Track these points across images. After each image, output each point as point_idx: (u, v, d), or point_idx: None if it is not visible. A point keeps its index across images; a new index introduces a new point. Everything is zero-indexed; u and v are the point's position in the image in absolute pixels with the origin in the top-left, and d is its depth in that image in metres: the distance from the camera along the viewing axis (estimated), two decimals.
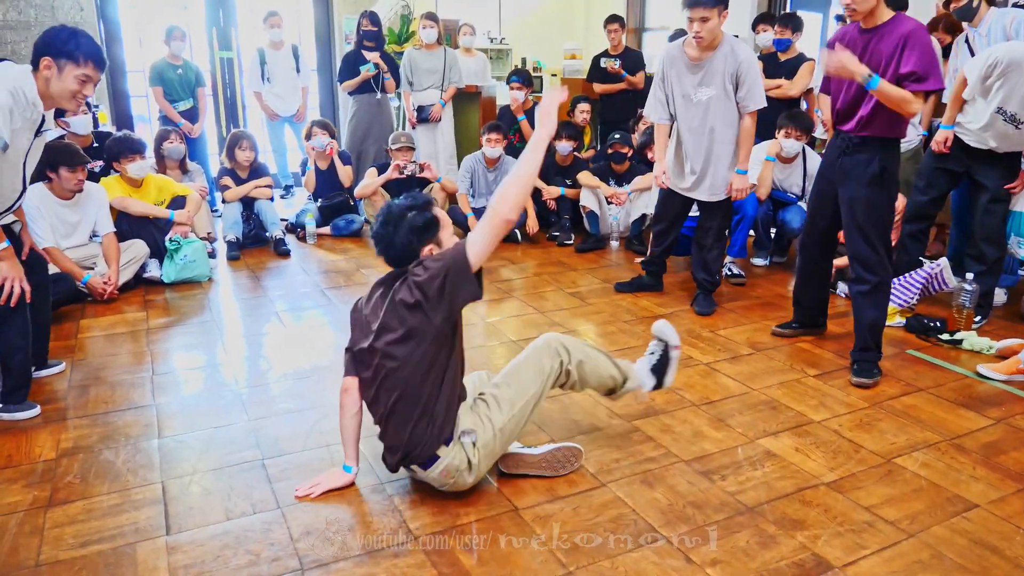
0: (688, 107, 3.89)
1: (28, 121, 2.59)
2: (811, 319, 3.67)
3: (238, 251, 5.14)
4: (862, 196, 3.13)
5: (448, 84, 6.27)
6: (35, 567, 2.01)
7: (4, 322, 2.78)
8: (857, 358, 3.26)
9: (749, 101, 3.78)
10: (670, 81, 3.92)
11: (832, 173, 3.25)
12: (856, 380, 3.18)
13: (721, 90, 3.77)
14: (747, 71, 3.73)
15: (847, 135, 3.16)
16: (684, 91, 3.87)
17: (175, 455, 2.59)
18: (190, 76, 6.27)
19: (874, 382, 3.16)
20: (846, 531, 2.18)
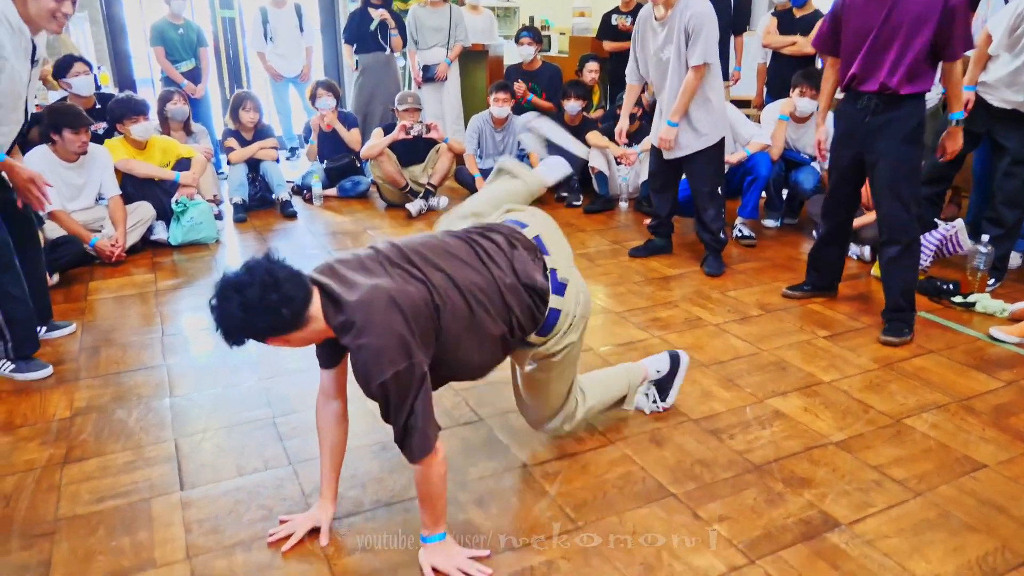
0: (658, 67, 3.90)
1: (20, 49, 2.59)
2: (828, 282, 3.63)
3: (244, 213, 5.13)
4: (896, 154, 3.06)
5: (454, 42, 6.19)
6: (54, 521, 2.04)
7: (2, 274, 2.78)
8: (889, 317, 3.24)
9: (690, 55, 3.73)
10: (643, 42, 3.94)
11: (855, 138, 3.17)
12: (884, 339, 3.17)
13: (678, 46, 3.76)
14: (696, 25, 3.67)
15: (870, 95, 3.07)
16: (655, 49, 3.87)
17: (187, 414, 2.61)
18: (192, 36, 6.19)
19: (902, 341, 3.15)
20: (854, 490, 2.19)
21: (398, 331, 1.67)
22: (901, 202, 3.11)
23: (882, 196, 3.15)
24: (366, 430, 2.49)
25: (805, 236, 4.73)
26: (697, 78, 3.77)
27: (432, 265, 1.84)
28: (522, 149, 5.60)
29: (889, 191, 3.11)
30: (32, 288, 3.06)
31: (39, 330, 3.17)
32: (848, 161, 3.26)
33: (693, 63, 3.73)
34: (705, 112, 3.87)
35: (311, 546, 1.95)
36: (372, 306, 1.67)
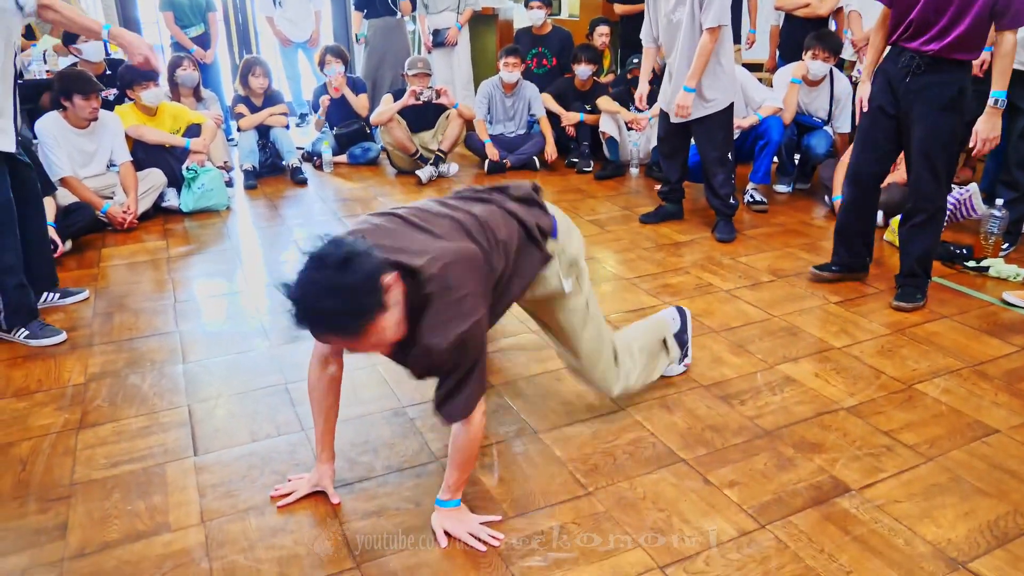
0: (668, 28, 3.84)
1: None
2: (857, 259, 3.40)
3: (255, 180, 5.12)
4: (932, 121, 2.92)
5: (464, 6, 6.10)
6: (70, 485, 2.08)
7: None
8: (902, 283, 3.19)
9: (704, 17, 3.68)
10: (653, 4, 3.89)
11: (892, 97, 3.02)
12: (896, 304, 3.13)
13: (690, 9, 3.70)
14: None
15: (916, 53, 2.91)
16: (666, 11, 3.82)
17: (200, 380, 2.64)
18: (200, 1, 6.13)
19: (914, 307, 3.12)
20: (864, 455, 2.19)
21: (472, 284, 1.68)
22: (933, 171, 2.99)
23: (915, 162, 3.04)
24: (377, 396, 2.51)
25: (817, 201, 4.68)
26: (712, 40, 3.71)
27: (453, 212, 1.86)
28: (532, 115, 5.55)
29: (923, 157, 2.99)
30: (35, 254, 3.07)
31: (51, 296, 3.19)
32: (881, 128, 3.10)
33: (708, 25, 3.67)
34: (714, 77, 3.81)
35: (323, 508, 1.97)
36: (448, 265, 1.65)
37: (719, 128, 3.94)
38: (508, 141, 5.53)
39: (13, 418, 2.41)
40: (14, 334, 2.89)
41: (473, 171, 5.49)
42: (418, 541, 1.86)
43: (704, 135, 3.98)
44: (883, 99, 3.08)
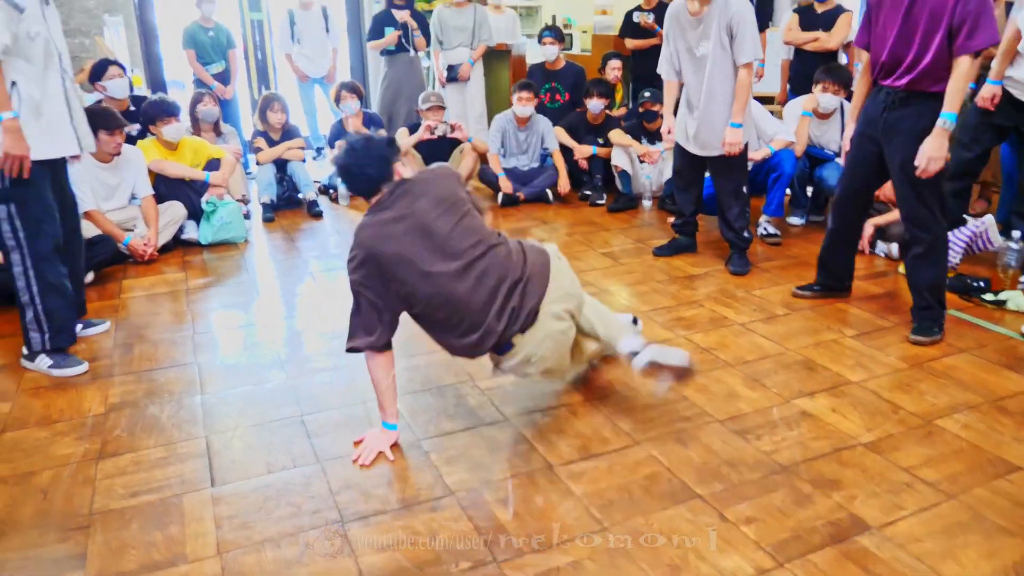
0: (692, 62, 3.87)
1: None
2: (837, 281, 3.59)
3: (272, 212, 5.19)
4: (913, 151, 2.99)
5: (478, 42, 6.20)
6: (88, 515, 2.09)
7: (42, 263, 2.85)
8: (918, 316, 3.20)
9: (739, 53, 3.71)
10: (675, 37, 3.92)
11: (875, 130, 3.14)
12: (913, 338, 3.13)
13: (717, 43, 3.73)
14: (739, 23, 3.66)
15: (891, 90, 3.05)
16: (688, 46, 3.85)
17: (217, 411, 2.66)
18: (221, 39, 6.28)
19: (932, 340, 3.12)
20: (884, 492, 2.17)
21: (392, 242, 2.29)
22: (920, 198, 3.06)
23: (904, 194, 3.10)
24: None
25: None
26: (749, 75, 3.74)
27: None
28: (545, 148, 5.60)
29: (911, 189, 3.06)
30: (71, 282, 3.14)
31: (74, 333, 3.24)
32: (866, 156, 3.22)
33: (744, 61, 3.70)
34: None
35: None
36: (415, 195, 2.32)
37: (735, 161, 3.97)
38: (521, 174, 5.58)
39: (35, 447, 2.43)
40: (38, 362, 2.93)
41: (486, 204, 5.53)
42: (432, 575, 1.85)
43: (721, 169, 4.00)
44: (865, 134, 3.20)
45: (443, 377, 2.87)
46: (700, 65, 3.83)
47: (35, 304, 2.88)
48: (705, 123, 3.88)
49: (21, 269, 2.84)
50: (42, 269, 2.86)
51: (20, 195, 2.77)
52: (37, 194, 2.81)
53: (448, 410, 2.64)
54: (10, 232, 2.80)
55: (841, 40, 5.16)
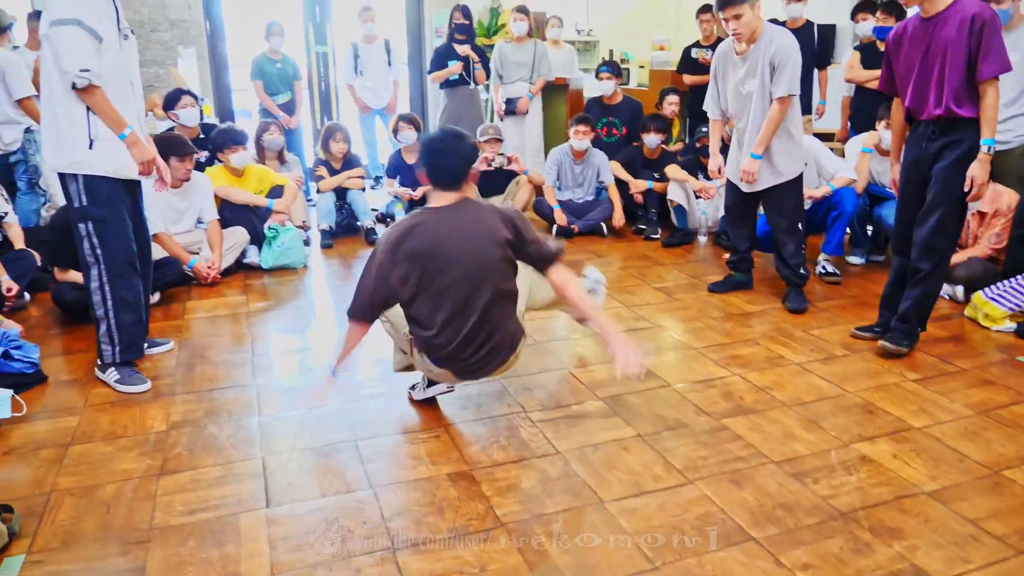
0: (739, 100, 3.91)
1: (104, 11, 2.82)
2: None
3: (331, 239, 5.31)
4: (945, 175, 3.10)
5: (537, 76, 6.29)
6: (148, 530, 2.15)
7: (117, 280, 2.98)
8: (895, 325, 3.31)
9: (775, 87, 3.72)
10: (722, 76, 3.97)
11: (920, 163, 3.20)
12: (883, 343, 3.27)
13: (761, 80, 3.76)
14: (782, 58, 3.68)
15: (927, 123, 3.15)
16: (736, 84, 3.89)
17: (274, 432, 2.71)
18: (288, 70, 6.50)
19: (898, 351, 3.24)
20: (948, 543, 2.09)
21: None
22: (940, 221, 3.13)
23: (925, 213, 3.18)
24: (445, 460, 2.53)
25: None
26: (782, 110, 3.76)
27: None
28: (600, 182, 5.63)
29: (931, 209, 3.14)
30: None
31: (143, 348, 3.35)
32: (916, 191, 3.25)
33: (779, 95, 3.72)
34: (784, 147, 3.85)
35: (390, 568, 1.98)
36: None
37: (788, 198, 3.95)
38: (576, 207, 5.61)
39: (100, 461, 2.51)
40: (107, 375, 3.05)
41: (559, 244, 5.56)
42: None
43: (774, 205, 3.98)
44: (912, 168, 3.26)
45: (495, 408, 2.89)
46: (747, 103, 3.87)
47: (108, 318, 3.01)
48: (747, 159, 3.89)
49: (98, 284, 2.97)
50: (117, 285, 2.99)
51: (99, 214, 2.92)
52: (115, 213, 2.96)
53: (500, 441, 2.64)
54: (89, 249, 2.94)
55: None
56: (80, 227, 2.93)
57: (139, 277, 3.11)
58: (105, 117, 2.82)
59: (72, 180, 2.88)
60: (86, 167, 2.86)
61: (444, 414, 2.83)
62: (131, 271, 3.04)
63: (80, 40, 2.71)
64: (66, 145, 2.83)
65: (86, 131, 2.82)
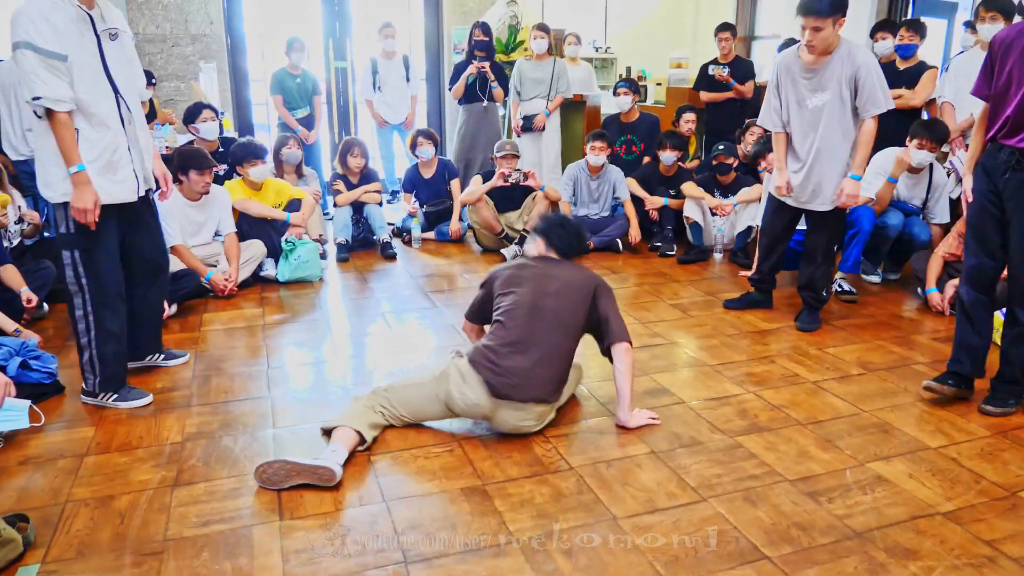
0: (802, 114, 3.75)
1: (71, 21, 2.65)
2: (979, 369, 3.09)
3: (347, 253, 5.34)
4: None
5: (555, 94, 6.32)
6: (163, 541, 2.16)
7: (102, 309, 2.94)
8: (999, 387, 3.01)
9: (870, 105, 3.58)
10: (784, 88, 3.79)
11: (995, 192, 2.92)
12: (983, 407, 2.98)
13: (837, 96, 3.61)
14: (866, 74, 3.55)
15: (1012, 150, 2.84)
16: (798, 98, 3.74)
17: (288, 445, 2.72)
18: (308, 85, 6.57)
19: (1004, 412, 2.96)
20: (964, 565, 2.07)
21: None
22: None
23: (1016, 261, 2.90)
24: (458, 474, 2.53)
25: (908, 292, 4.55)
26: (875, 127, 3.64)
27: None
28: (616, 198, 5.64)
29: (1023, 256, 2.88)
30: (151, 319, 3.28)
31: (155, 357, 3.37)
32: (988, 224, 2.96)
33: (877, 111, 3.58)
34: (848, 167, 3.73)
35: None
36: None
37: (838, 219, 3.89)
38: (592, 223, 5.61)
39: (115, 472, 2.54)
40: (102, 399, 3.03)
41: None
42: None
43: (821, 224, 3.88)
44: (986, 194, 2.97)
45: None
46: (811, 118, 3.72)
47: (91, 348, 2.96)
48: (815, 177, 3.75)
49: (82, 313, 2.92)
50: (101, 315, 2.93)
51: (84, 242, 2.84)
52: (100, 241, 2.87)
53: (513, 456, 2.64)
54: (73, 278, 2.88)
55: (925, 97, 5.05)
56: (65, 254, 2.85)
57: (124, 306, 3.02)
58: (61, 147, 2.68)
59: (59, 207, 2.80)
60: (69, 196, 2.74)
61: (458, 430, 2.83)
62: (116, 300, 2.97)
63: (32, 65, 2.57)
64: (50, 172, 2.74)
65: (62, 160, 2.71)
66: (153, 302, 3.27)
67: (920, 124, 4.38)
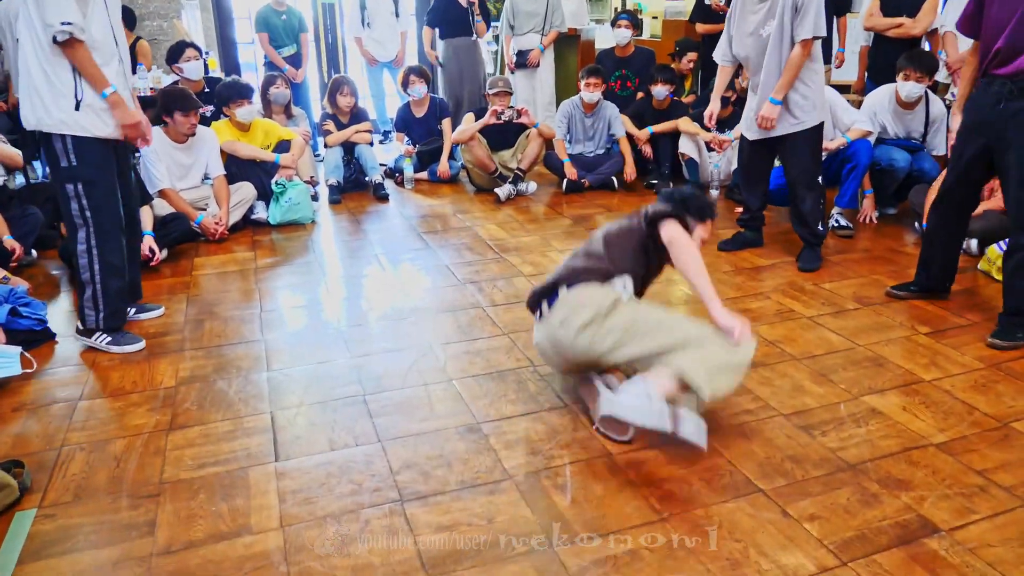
0: (756, 44, 3.72)
1: None
2: (937, 283, 3.38)
3: (339, 195, 5.27)
4: None
5: (550, 28, 6.16)
6: (159, 484, 2.17)
7: (106, 242, 2.92)
8: (1005, 321, 3.01)
9: (799, 28, 3.54)
10: (739, 19, 3.77)
11: (985, 124, 2.93)
12: (992, 341, 2.97)
13: (780, 22, 3.58)
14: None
15: (1006, 80, 2.83)
16: (753, 28, 3.70)
17: (282, 388, 2.72)
18: (294, 22, 6.40)
19: (1012, 345, 2.94)
20: (955, 494, 2.09)
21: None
22: None
23: (1013, 190, 2.90)
24: (452, 412, 2.54)
25: (906, 227, 4.52)
26: (804, 53, 3.58)
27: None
28: (611, 135, 5.54)
29: (1021, 186, 2.86)
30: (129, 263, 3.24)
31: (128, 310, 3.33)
32: (973, 155, 3.01)
33: (802, 36, 3.54)
34: (803, 93, 3.69)
35: (398, 520, 2.00)
36: None
37: (807, 148, 3.81)
38: (587, 161, 5.54)
39: (110, 416, 2.54)
40: (96, 340, 3.02)
41: (551, 190, 5.52)
42: (490, 558, 1.87)
43: (791, 155, 3.85)
44: (975, 126, 2.98)
45: (504, 362, 2.88)
46: (764, 47, 3.68)
47: (95, 283, 2.95)
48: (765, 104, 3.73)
49: (85, 247, 2.90)
50: (106, 249, 2.92)
51: (87, 174, 2.83)
52: (105, 175, 2.88)
53: (508, 395, 2.64)
54: (78, 210, 2.86)
55: (927, 26, 4.93)
56: (68, 187, 2.83)
57: (124, 241, 3.03)
58: (86, 74, 2.72)
59: (58, 140, 2.77)
60: (75, 128, 2.75)
61: (452, 369, 2.83)
62: (120, 234, 2.98)
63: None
64: (51, 104, 2.72)
65: (73, 90, 2.72)
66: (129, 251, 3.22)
67: (906, 56, 4.32)
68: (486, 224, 4.65)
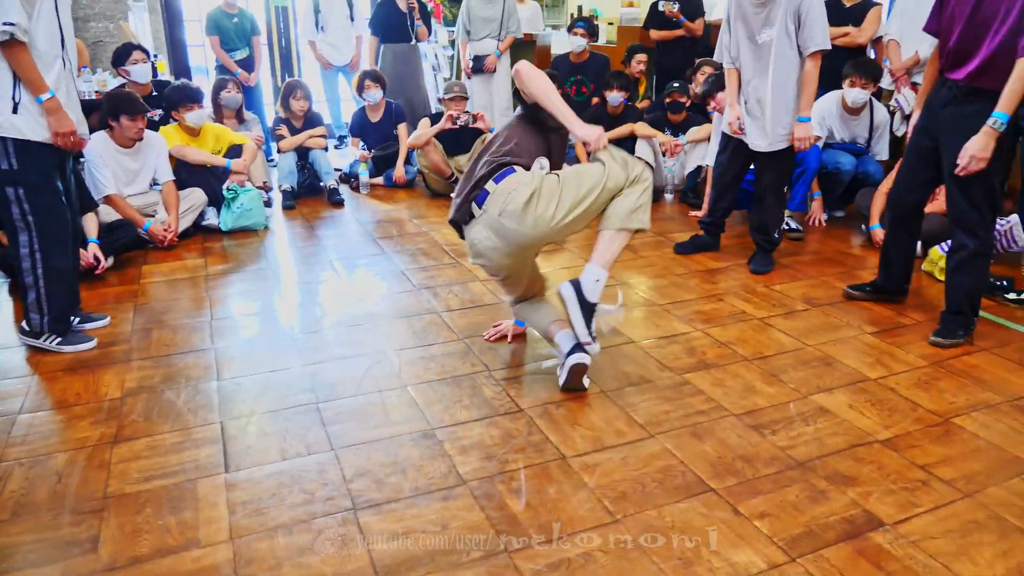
0: (754, 50, 3.70)
1: None
2: (893, 284, 3.43)
3: (293, 200, 5.21)
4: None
5: (506, 34, 6.17)
6: (103, 498, 2.11)
7: (50, 247, 2.86)
8: (946, 319, 3.09)
9: (808, 41, 3.54)
10: (735, 23, 3.75)
11: (934, 125, 3.00)
12: (934, 339, 3.05)
13: (782, 30, 3.57)
14: (808, 9, 3.50)
15: (954, 83, 2.90)
16: (749, 32, 3.69)
17: (233, 397, 2.67)
18: (245, 25, 6.30)
19: (953, 343, 3.02)
20: (899, 489, 2.14)
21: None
22: (970, 201, 2.91)
23: (953, 194, 2.97)
24: (406, 418, 2.52)
25: (853, 229, 4.63)
26: (817, 66, 3.59)
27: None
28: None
29: (960, 190, 2.93)
30: None
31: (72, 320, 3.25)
32: (923, 151, 3.08)
33: (814, 49, 3.53)
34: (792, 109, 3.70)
35: (351, 528, 1.98)
36: None
37: (788, 160, 3.87)
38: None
39: (51, 430, 2.46)
40: (45, 341, 2.96)
41: None
42: (444, 565, 1.86)
43: (771, 165, 3.86)
44: (925, 127, 3.06)
45: (459, 367, 2.87)
46: (761, 54, 3.67)
47: (39, 287, 2.90)
48: (768, 115, 3.71)
49: (28, 251, 2.85)
50: (49, 254, 2.87)
51: (28, 178, 2.77)
52: (46, 179, 2.81)
53: (463, 400, 2.64)
54: (19, 214, 2.80)
55: (871, 35, 5.05)
56: (8, 191, 2.76)
57: (72, 244, 2.97)
58: (24, 77, 2.65)
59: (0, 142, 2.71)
60: (12, 131, 2.69)
61: (407, 375, 2.81)
62: (67, 238, 2.92)
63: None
64: None
65: (11, 92, 2.66)
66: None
67: (851, 64, 4.44)
68: (442, 229, 4.63)
